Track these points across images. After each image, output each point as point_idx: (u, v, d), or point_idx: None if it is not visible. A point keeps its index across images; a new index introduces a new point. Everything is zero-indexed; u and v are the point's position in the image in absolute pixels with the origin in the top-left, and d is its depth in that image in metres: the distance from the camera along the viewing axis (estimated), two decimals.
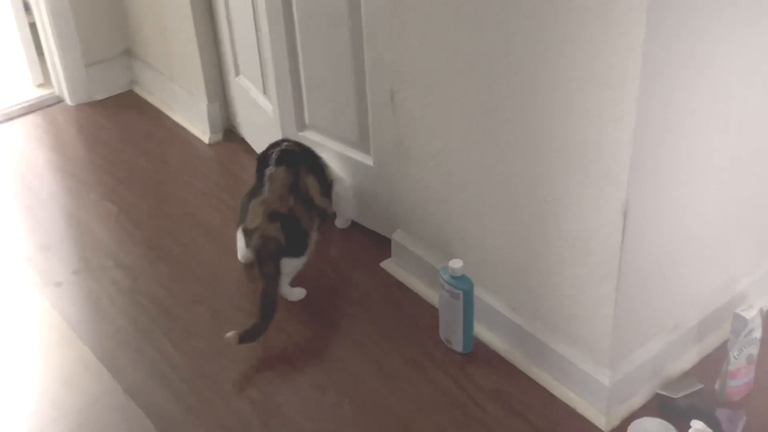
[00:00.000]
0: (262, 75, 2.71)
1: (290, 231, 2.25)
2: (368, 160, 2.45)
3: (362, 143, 2.45)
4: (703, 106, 1.75)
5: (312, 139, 2.56)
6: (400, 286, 2.39)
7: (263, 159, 2.40)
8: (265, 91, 2.74)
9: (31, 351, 2.26)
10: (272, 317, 2.17)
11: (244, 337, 2.13)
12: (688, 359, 2.09)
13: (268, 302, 2.18)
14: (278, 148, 2.41)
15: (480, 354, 2.16)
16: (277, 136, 2.60)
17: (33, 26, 3.32)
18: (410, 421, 2.00)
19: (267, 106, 2.74)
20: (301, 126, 2.59)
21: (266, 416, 2.03)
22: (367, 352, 2.19)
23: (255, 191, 2.33)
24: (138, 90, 3.39)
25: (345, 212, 2.58)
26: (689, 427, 1.79)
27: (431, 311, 2.25)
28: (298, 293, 2.34)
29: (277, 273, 2.21)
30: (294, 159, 2.39)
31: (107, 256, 2.56)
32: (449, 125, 2.05)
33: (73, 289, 2.45)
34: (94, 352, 2.22)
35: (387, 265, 2.45)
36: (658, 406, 1.98)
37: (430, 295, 2.30)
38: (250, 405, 2.06)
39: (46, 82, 3.41)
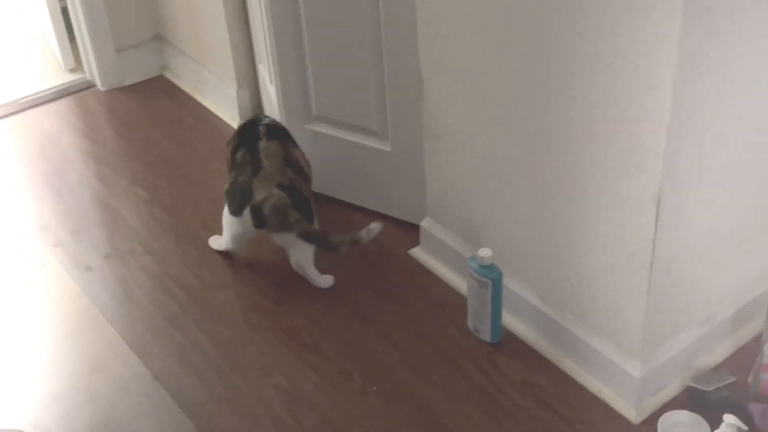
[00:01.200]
0: (269, 63, 2.67)
1: (295, 201, 2.26)
2: (386, 146, 2.43)
3: (379, 130, 2.43)
4: (738, 98, 1.72)
5: (320, 131, 2.53)
6: (428, 274, 2.37)
7: (250, 134, 2.39)
8: (271, 80, 2.70)
9: (61, 335, 2.28)
10: (336, 243, 2.25)
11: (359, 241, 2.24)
12: (721, 351, 2.06)
13: (324, 240, 2.26)
14: (262, 123, 2.43)
15: (508, 344, 2.14)
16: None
17: (65, 11, 3.33)
18: (437, 411, 1.99)
19: (273, 95, 2.70)
20: (308, 118, 2.55)
21: (293, 403, 2.03)
22: (394, 340, 2.18)
23: (249, 168, 2.30)
24: (168, 75, 3.40)
25: None
26: (721, 420, 1.76)
27: (460, 300, 2.24)
28: (326, 280, 2.34)
29: (303, 218, 2.24)
30: (281, 132, 2.42)
31: (137, 241, 2.57)
32: (480, 113, 2.02)
33: (102, 274, 2.46)
34: (123, 336, 2.24)
35: (415, 253, 2.44)
36: (690, 398, 1.95)
37: (459, 283, 2.29)
38: (276, 392, 2.06)
39: (78, 66, 3.43)
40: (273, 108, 2.71)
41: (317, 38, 2.40)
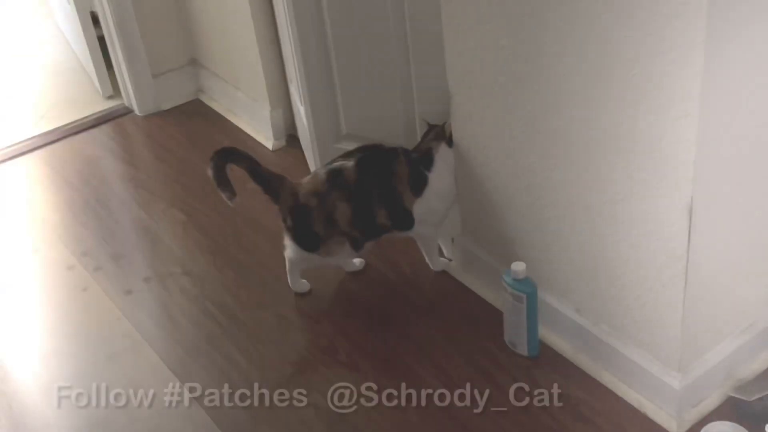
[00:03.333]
0: (298, 83, 2.70)
1: None
2: None
3: (408, 146, 2.42)
4: None
5: (350, 149, 2.54)
6: (463, 288, 2.37)
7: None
8: (301, 101, 2.72)
9: (102, 358, 2.32)
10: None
11: None
12: (763, 360, 2.02)
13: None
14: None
15: (546, 357, 2.12)
16: (313, 147, 2.62)
17: (102, 40, 3.40)
18: (476, 427, 1.99)
19: (303, 115, 2.72)
20: (338, 137, 2.56)
21: (331, 421, 2.04)
22: (431, 356, 2.18)
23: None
24: (204, 98, 3.45)
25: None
26: (764, 430, 1.74)
27: (495, 314, 2.23)
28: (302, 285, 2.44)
29: None
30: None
31: (175, 263, 2.60)
32: (510, 127, 2.02)
33: (143, 297, 2.50)
34: (163, 358, 2.27)
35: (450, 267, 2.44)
36: (732, 409, 1.92)
37: (494, 298, 2.28)
38: (315, 410, 2.07)
39: (116, 93, 3.50)
40: (304, 128, 2.73)
41: (345, 57, 2.42)
